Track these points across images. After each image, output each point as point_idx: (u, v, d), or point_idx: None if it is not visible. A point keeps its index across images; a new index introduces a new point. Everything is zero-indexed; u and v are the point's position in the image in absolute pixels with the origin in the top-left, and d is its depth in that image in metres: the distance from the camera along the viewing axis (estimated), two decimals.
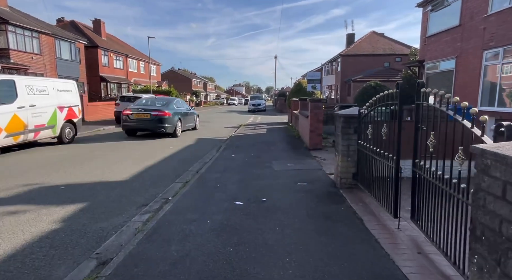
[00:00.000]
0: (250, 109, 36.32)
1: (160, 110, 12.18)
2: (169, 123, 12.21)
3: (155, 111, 12.11)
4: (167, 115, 12.13)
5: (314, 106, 8.86)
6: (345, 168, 5.09)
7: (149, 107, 12.55)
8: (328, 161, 7.54)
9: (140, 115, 12.15)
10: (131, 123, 12.26)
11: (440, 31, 13.42)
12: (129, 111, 12.21)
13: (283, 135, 12.99)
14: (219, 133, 14.57)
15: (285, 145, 10.39)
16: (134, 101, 15.36)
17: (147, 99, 14.71)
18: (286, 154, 8.67)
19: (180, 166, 7.56)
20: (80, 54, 26.34)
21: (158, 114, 12.02)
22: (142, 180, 6.22)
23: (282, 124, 18.52)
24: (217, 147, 10.38)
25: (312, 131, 8.97)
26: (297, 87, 19.11)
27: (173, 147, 10.24)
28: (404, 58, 34.66)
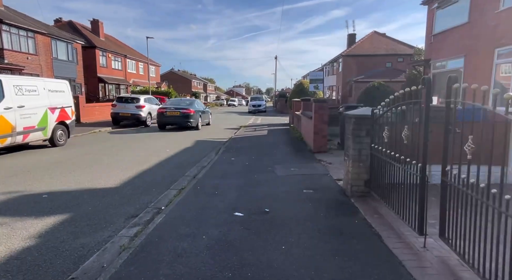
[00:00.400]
0: (250, 110, 35.85)
1: (187, 108, 15.33)
2: (193, 119, 15.33)
3: (183, 109, 15.25)
4: (192, 113, 15.27)
5: (318, 107, 8.38)
6: (356, 174, 4.60)
7: (178, 106, 15.60)
8: (334, 165, 7.05)
9: (172, 113, 15.26)
10: (165, 118, 15.43)
11: (447, 29, 12.95)
12: (164, 110, 15.44)
13: (285, 137, 12.51)
14: (219, 135, 14.09)
15: (288, 147, 9.90)
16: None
17: (174, 100, 17.94)
18: (289, 157, 8.18)
19: (176, 170, 7.08)
20: (77, 54, 25.90)
21: (186, 112, 15.15)
22: (134, 187, 5.73)
23: (283, 125, 18.04)
24: (216, 150, 9.90)
25: (316, 134, 8.49)
26: (298, 88, 18.64)
27: (170, 150, 9.76)
28: (406, 58, 34.24)
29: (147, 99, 18.31)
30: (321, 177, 6.04)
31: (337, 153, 8.39)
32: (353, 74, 33.93)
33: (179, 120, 15.15)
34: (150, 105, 18.30)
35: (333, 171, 6.48)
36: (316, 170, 6.62)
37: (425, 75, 16.62)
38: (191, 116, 15.19)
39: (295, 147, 9.95)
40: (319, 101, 8.41)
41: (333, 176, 6.07)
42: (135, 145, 10.80)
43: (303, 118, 10.96)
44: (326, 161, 7.48)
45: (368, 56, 34.39)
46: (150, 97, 19.02)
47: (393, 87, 18.51)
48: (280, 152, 9.09)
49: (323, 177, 6.05)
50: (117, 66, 34.03)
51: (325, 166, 6.96)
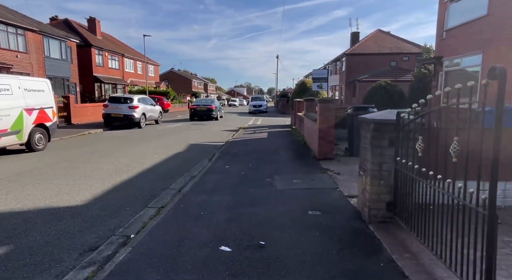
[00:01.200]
0: (251, 110, 34.87)
1: (211, 105, 22.27)
2: (215, 112, 22.16)
3: (208, 106, 22.10)
4: (214, 108, 22.11)
5: (324, 108, 7.41)
6: (376, 194, 3.63)
7: (205, 103, 22.67)
8: (343, 175, 6.07)
9: (201, 108, 21.99)
10: (196, 112, 22.02)
11: (463, 23, 11.94)
12: (196, 106, 22.30)
13: (286, 140, 11.53)
14: (215, 137, 13.14)
15: (289, 152, 8.93)
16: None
17: (201, 99, 26.42)
18: (290, 165, 7.21)
19: (160, 182, 6.13)
20: (71, 53, 25.01)
21: (210, 107, 21.98)
22: (105, 205, 4.78)
23: (285, 127, 17.07)
24: (210, 155, 8.95)
25: (321, 138, 7.52)
26: (300, 87, 17.66)
27: (159, 155, 8.81)
28: (412, 57, 33.22)
29: (141, 99, 17.38)
30: (329, 193, 5.07)
31: (345, 160, 7.42)
32: (356, 74, 32.93)
33: (206, 113, 22.01)
34: (145, 106, 17.38)
35: (343, 184, 5.51)
36: (322, 183, 5.65)
37: (434, 76, 15.64)
38: (214, 110, 22.10)
39: (298, 152, 8.98)
40: (325, 102, 7.44)
41: (343, 191, 5.09)
42: (122, 149, 9.86)
43: (306, 120, 9.99)
44: (333, 170, 6.50)
45: (372, 55, 33.38)
46: (144, 98, 18.09)
47: (401, 87, 17.55)
48: (281, 158, 8.12)
49: (332, 192, 5.07)
50: (114, 66, 33.14)
51: (333, 177, 5.98)
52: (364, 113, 7.99)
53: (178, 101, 39.90)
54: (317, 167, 6.91)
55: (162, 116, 20.30)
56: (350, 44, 38.10)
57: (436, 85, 15.10)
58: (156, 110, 19.16)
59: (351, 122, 7.89)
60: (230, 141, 11.89)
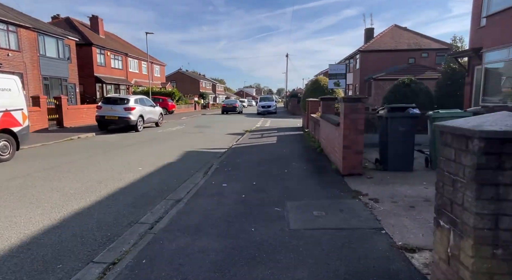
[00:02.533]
0: (259, 111, 33.17)
1: (235, 103, 34.68)
2: (239, 109, 34.35)
3: (234, 104, 34.35)
4: (237, 106, 34.31)
5: (350, 109, 5.67)
6: (486, 274, 1.90)
7: (231, 103, 35.01)
8: (384, 204, 4.32)
9: (229, 106, 33.90)
10: (226, 108, 33.36)
11: None
12: (226, 105, 34.18)
13: (298, 147, 9.81)
14: (217, 142, 11.50)
15: (303, 164, 7.20)
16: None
17: (229, 100, 39.24)
18: (307, 184, 5.49)
19: (131, 209, 4.51)
20: (70, 52, 23.83)
21: (235, 105, 34.05)
22: (24, 259, 3.16)
23: (296, 130, 15.32)
24: (206, 167, 7.31)
25: (347, 147, 5.78)
26: (313, 85, 15.87)
27: (144, 167, 7.21)
28: (432, 53, 31.04)
29: (138, 100, 15.89)
30: (371, 239, 3.33)
31: (379, 177, 5.66)
32: (371, 72, 30.93)
33: (232, 109, 33.62)
34: (143, 107, 15.89)
35: (388, 220, 3.75)
36: (356, 218, 3.91)
37: (468, 71, 13.66)
38: (237, 107, 34.09)
39: (314, 163, 7.24)
40: (352, 101, 5.69)
41: (392, 236, 3.34)
42: (104, 158, 8.31)
43: (324, 123, 8.25)
44: (366, 194, 4.75)
45: (388, 51, 31.34)
46: (142, 98, 16.60)
47: (427, 85, 15.64)
48: (293, 172, 6.41)
49: (375, 239, 3.33)
50: (117, 65, 31.94)
51: (370, 207, 4.23)
52: (401, 114, 6.24)
53: (184, 102, 38.53)
54: (344, 188, 5.16)
55: (163, 118, 18.82)
56: (364, 41, 36.07)
57: (471, 81, 13.14)
58: (156, 112, 17.68)
59: (385, 127, 6.12)
60: (233, 147, 10.23)
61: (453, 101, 14.73)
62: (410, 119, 5.90)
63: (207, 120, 24.15)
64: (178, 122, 21.56)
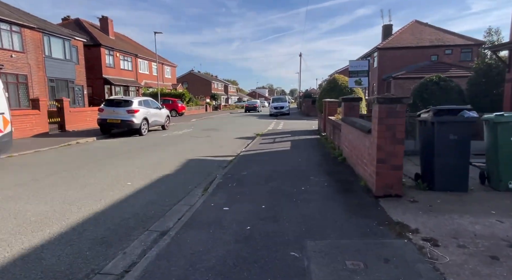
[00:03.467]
0: (272, 112, 31.94)
1: (256, 104, 43.52)
2: (258, 108, 42.41)
3: (254, 104, 43.25)
4: (257, 106, 42.87)
5: (387, 112, 4.39)
6: None
7: (253, 103, 44.51)
8: (449, 249, 3.00)
9: (251, 106, 42.69)
10: (248, 108, 41.98)
11: None
12: (248, 105, 43.67)
13: (316, 155, 8.53)
14: (224, 148, 10.35)
15: (324, 178, 5.94)
16: None
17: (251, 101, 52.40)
18: (331, 211, 4.24)
19: (96, 250, 3.38)
20: (78, 53, 23.25)
21: (255, 105, 42.71)
22: None
23: (311, 133, 14.01)
24: (208, 181, 6.16)
25: (382, 161, 4.50)
26: (330, 85, 14.54)
27: (134, 181, 6.11)
28: (456, 50, 29.04)
29: (142, 102, 14.94)
30: None
31: (426, 200, 4.34)
32: (390, 70, 29.23)
33: (253, 109, 41.17)
34: (147, 110, 14.93)
35: None
36: (412, 277, 2.64)
37: (510, 66, 12.02)
38: (257, 107, 41.69)
39: (336, 177, 5.97)
40: (389, 101, 4.41)
41: None
42: (92, 169, 7.28)
43: (347, 128, 6.96)
44: (416, 228, 3.45)
45: (408, 48, 29.56)
46: (147, 100, 15.64)
47: (460, 83, 14.08)
48: (312, 191, 5.16)
49: None
50: (127, 67, 31.35)
51: (427, 253, 2.94)
52: (453, 118, 4.86)
53: (195, 104, 37.71)
54: (381, 217, 3.88)
55: (170, 121, 17.85)
56: (382, 38, 34.35)
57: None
58: (162, 114, 16.72)
59: (430, 134, 4.81)
60: (241, 154, 9.05)
61: (489, 101, 13.12)
62: (465, 125, 4.56)
63: (217, 122, 23.10)
64: (187, 125, 20.59)
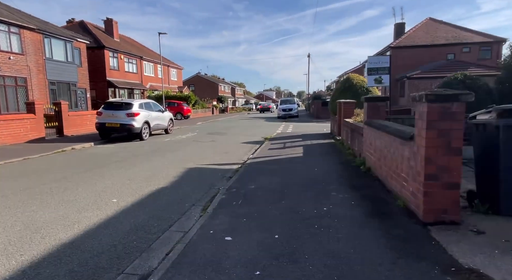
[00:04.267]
0: (280, 115, 30.89)
1: (269, 105, 50.21)
2: (272, 109, 47.81)
3: (269, 105, 49.79)
4: (271, 107, 49.16)
5: (439, 113, 3.34)
6: None
7: (267, 104, 50.61)
8: None
9: (265, 107, 48.27)
10: (263, 109, 47.48)
11: None
12: (261, 106, 49.80)
13: (334, 163, 7.47)
14: (230, 155, 9.36)
15: (349, 195, 4.87)
16: None
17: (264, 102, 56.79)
18: (369, 245, 3.18)
19: None
20: (80, 55, 22.61)
21: (269, 106, 48.78)
22: None
23: (324, 137, 12.92)
24: (208, 197, 5.17)
25: (432, 178, 3.43)
26: (344, 84, 13.46)
27: (119, 199, 5.14)
28: (475, 48, 27.65)
29: (143, 105, 14.08)
30: None
31: (497, 230, 3.25)
32: (404, 70, 27.92)
33: (266, 110, 47.01)
34: (148, 113, 14.06)
35: None
36: None
37: None
38: (271, 108, 47.78)
39: (364, 193, 4.89)
40: (442, 99, 3.35)
41: None
42: (77, 181, 6.34)
43: (373, 133, 5.89)
44: None
45: (423, 47, 28.28)
46: (148, 103, 14.77)
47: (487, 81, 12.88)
48: (337, 214, 4.09)
49: None
50: (131, 69, 30.71)
51: None
52: None
53: (201, 106, 36.92)
54: (442, 259, 2.80)
55: (173, 125, 16.96)
56: (394, 37, 33.09)
57: None
58: (165, 117, 15.84)
59: (493, 141, 3.73)
60: (248, 162, 8.03)
61: None
62: None
63: (223, 125, 22.17)
64: (191, 128, 19.69)
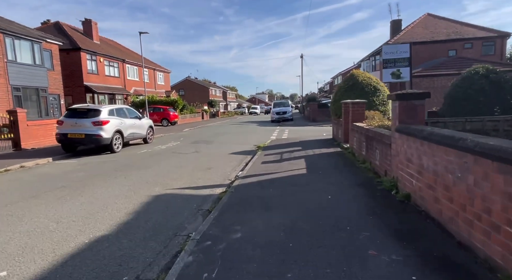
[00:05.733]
0: (273, 119, 29.01)
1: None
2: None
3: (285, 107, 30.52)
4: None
5: None
6: None
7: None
8: None
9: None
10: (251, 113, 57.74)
11: None
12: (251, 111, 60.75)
13: (351, 184, 5.53)
14: (212, 172, 7.36)
15: (401, 258, 2.93)
16: None
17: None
18: None
19: None
20: (52, 58, 20.43)
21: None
22: None
23: (327, 144, 10.98)
24: (166, 258, 3.15)
25: None
26: (348, 82, 11.57)
27: (10, 271, 3.13)
28: (477, 43, 26.16)
29: (114, 111, 12.00)
30: None
31: None
32: None
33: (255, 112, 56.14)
34: (121, 120, 11.99)
35: None
36: None
37: None
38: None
39: (425, 252, 2.95)
40: None
41: None
42: None
43: (419, 147, 3.98)
44: None
45: (422, 43, 26.66)
46: (121, 109, 12.70)
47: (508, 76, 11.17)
48: None
49: None
50: (113, 73, 28.54)
51: None
52: None
53: (190, 111, 34.81)
54: None
55: (153, 133, 14.89)
56: (391, 35, 31.59)
57: None
58: (143, 125, 13.77)
59: None
60: (235, 184, 6.04)
61: None
62: None
63: (212, 132, 20.15)
64: (176, 136, 17.63)
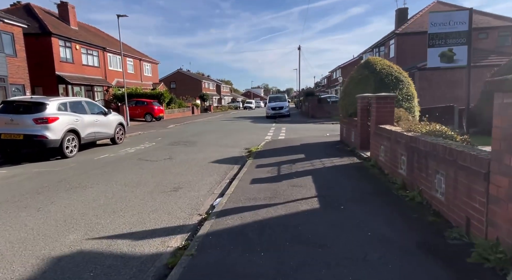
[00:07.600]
0: (269, 114, 26.60)
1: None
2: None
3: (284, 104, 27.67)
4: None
5: None
6: None
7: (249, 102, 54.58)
8: None
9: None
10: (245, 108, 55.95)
11: None
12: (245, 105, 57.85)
13: (406, 243, 3.16)
14: (177, 200, 4.93)
15: None
16: None
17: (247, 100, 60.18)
18: None
19: None
20: (14, 42, 17.69)
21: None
22: None
23: (336, 150, 8.61)
24: None
25: None
26: (362, 72, 9.16)
27: None
28: (493, 33, 23.93)
29: (67, 105, 9.50)
30: None
31: None
32: (411, 60, 24.00)
33: None
34: (77, 117, 9.51)
35: None
36: None
37: None
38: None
39: None
40: None
41: None
42: None
43: None
44: None
45: None
46: (77, 102, 10.18)
47: None
48: None
49: None
50: (92, 62, 25.80)
51: None
52: None
53: (178, 106, 32.18)
54: None
55: (124, 132, 12.41)
56: (396, 24, 29.27)
57: None
58: (110, 123, 11.28)
59: None
60: (205, 231, 3.64)
61: None
62: None
63: (198, 129, 17.69)
64: (155, 134, 15.16)
